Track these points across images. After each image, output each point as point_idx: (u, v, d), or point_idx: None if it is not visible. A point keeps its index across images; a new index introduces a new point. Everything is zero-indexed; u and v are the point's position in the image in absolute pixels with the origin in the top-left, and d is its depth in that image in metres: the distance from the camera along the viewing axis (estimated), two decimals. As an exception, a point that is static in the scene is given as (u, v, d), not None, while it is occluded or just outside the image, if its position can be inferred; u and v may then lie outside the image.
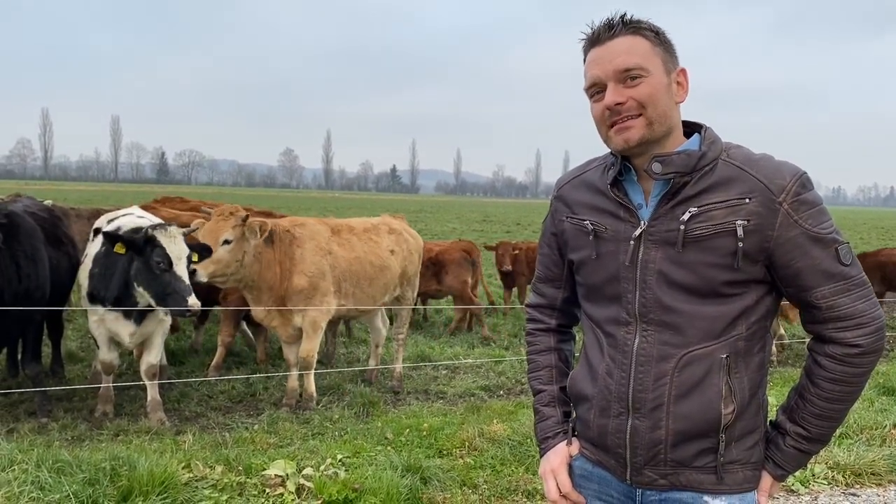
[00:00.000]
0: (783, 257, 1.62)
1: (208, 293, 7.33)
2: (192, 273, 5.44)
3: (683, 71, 1.72)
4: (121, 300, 5.54)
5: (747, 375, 1.69)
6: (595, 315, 1.83)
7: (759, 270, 1.65)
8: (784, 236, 1.61)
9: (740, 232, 1.60)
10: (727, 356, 1.66)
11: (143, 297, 5.41)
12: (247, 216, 5.84)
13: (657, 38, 1.67)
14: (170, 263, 5.22)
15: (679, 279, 1.65)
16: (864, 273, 1.67)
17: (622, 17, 1.66)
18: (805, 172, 1.64)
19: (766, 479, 1.76)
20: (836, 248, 1.62)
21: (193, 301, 5.21)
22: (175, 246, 5.27)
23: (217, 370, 7.20)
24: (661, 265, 1.67)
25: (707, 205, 1.63)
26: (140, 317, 5.69)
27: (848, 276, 1.63)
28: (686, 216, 1.63)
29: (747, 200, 1.61)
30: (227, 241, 5.70)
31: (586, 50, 1.72)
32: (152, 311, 5.70)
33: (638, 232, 1.69)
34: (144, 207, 7.63)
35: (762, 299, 1.69)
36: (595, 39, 1.68)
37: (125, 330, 5.71)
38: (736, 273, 1.63)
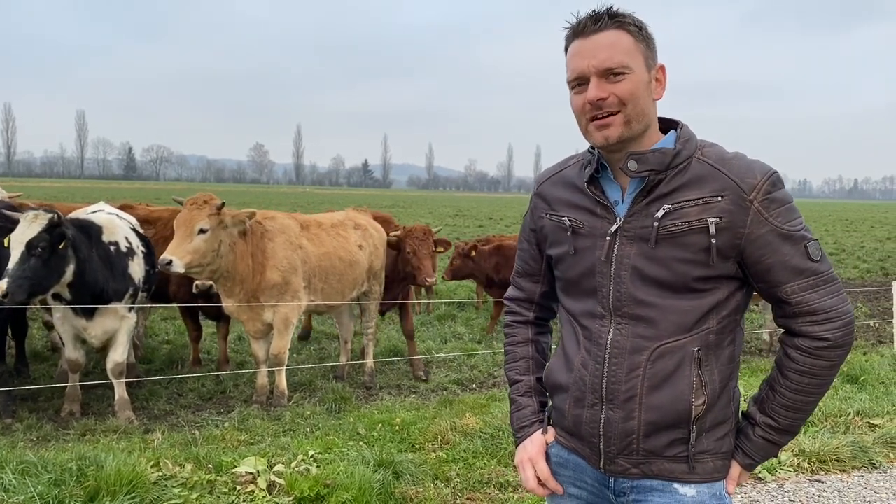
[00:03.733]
0: (754, 254, 1.65)
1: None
2: (167, 263, 5.33)
3: (662, 68, 1.74)
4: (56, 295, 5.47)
5: (718, 368, 1.72)
6: (572, 308, 1.85)
7: (730, 267, 1.68)
8: (755, 233, 1.64)
9: (712, 229, 1.63)
10: (698, 349, 1.69)
11: None
12: (222, 204, 5.72)
13: (640, 33, 1.68)
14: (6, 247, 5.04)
15: (652, 274, 1.68)
16: (833, 269, 1.69)
17: (608, 9, 1.66)
18: (776, 172, 1.67)
19: (735, 468, 1.78)
20: (805, 244, 1.65)
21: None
22: (19, 231, 5.04)
23: (198, 364, 7.32)
24: (636, 261, 1.69)
25: (680, 202, 1.66)
26: (89, 313, 5.59)
27: (817, 272, 1.66)
28: (660, 213, 1.66)
29: (719, 198, 1.64)
30: (202, 231, 5.55)
31: (569, 40, 1.72)
32: (105, 307, 5.61)
33: (614, 228, 1.72)
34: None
35: (733, 294, 1.72)
36: (580, 31, 1.68)
37: (80, 326, 5.62)
38: (708, 269, 1.66)
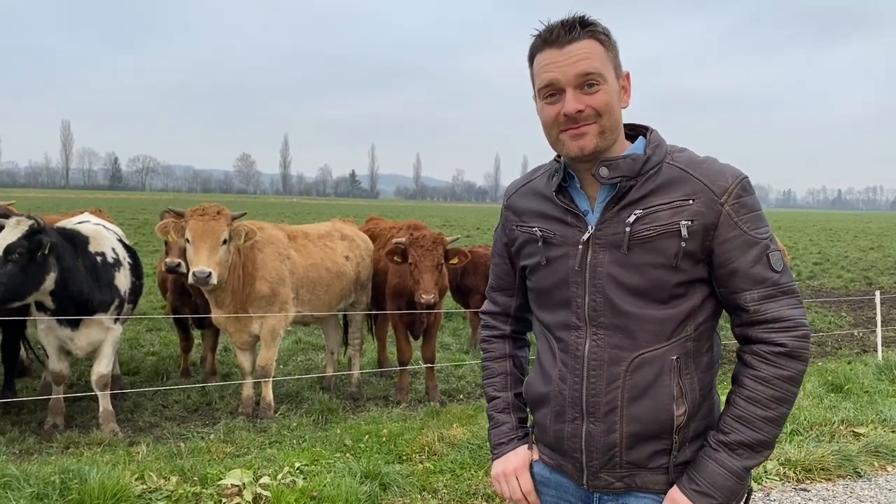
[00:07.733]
0: (721, 257, 1.65)
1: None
2: (207, 276, 5.39)
3: (628, 76, 1.73)
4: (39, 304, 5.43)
5: (698, 376, 1.70)
6: (546, 320, 1.82)
7: (702, 270, 1.67)
8: (724, 236, 1.63)
9: (684, 232, 1.62)
10: (677, 357, 1.67)
11: None
12: (241, 214, 5.91)
13: (608, 41, 1.66)
14: None
15: (627, 281, 1.66)
16: (793, 282, 1.69)
17: (580, 18, 1.64)
18: (746, 176, 1.67)
19: (680, 498, 1.65)
20: (767, 254, 1.65)
21: None
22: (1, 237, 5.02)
23: (187, 375, 7.37)
24: (610, 268, 1.67)
25: (652, 206, 1.64)
26: (74, 323, 5.54)
27: (777, 283, 1.65)
28: (631, 218, 1.64)
29: (691, 201, 1.63)
30: (225, 241, 5.64)
31: (538, 48, 1.68)
32: (90, 318, 5.57)
33: (586, 236, 1.70)
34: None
35: (707, 299, 1.71)
36: (552, 40, 1.64)
37: (65, 336, 5.57)
38: (681, 273, 1.65)
